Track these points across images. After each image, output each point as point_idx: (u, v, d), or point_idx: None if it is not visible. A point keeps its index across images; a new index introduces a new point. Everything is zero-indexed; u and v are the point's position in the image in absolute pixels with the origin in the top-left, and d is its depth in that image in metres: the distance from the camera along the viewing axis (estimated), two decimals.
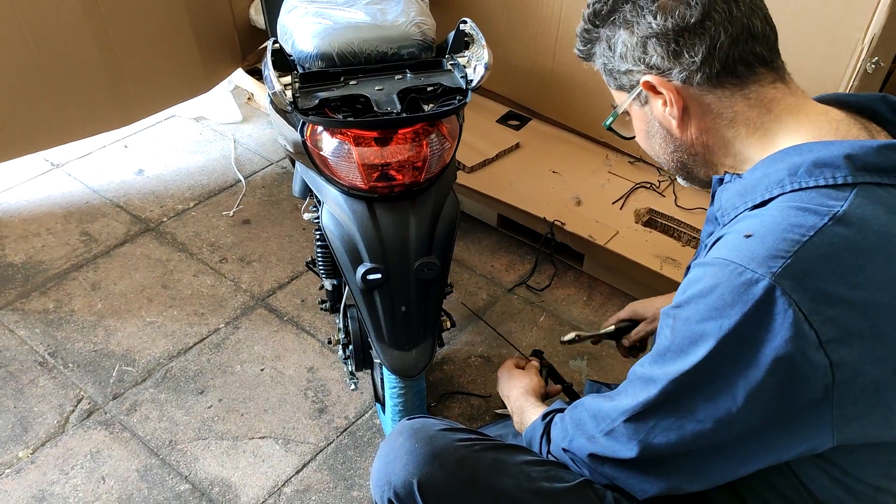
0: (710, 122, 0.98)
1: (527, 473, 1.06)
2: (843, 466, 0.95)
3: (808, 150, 0.90)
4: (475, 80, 1.39)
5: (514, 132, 2.62)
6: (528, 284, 2.28)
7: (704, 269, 0.89)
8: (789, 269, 0.82)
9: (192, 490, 1.73)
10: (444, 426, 1.12)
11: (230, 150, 2.81)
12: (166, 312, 2.16)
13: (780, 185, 0.89)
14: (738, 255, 0.86)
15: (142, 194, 2.60)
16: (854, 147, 0.88)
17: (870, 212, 0.85)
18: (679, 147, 1.03)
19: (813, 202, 0.86)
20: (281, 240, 2.42)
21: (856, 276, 0.83)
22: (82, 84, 2.27)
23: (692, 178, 1.07)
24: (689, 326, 0.88)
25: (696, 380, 0.89)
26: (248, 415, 1.89)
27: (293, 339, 2.09)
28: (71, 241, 2.40)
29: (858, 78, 1.77)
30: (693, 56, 0.93)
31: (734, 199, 0.95)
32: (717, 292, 0.85)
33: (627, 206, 2.33)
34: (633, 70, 0.99)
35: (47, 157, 2.75)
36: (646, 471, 0.98)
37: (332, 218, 1.44)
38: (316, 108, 1.34)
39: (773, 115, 0.95)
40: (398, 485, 1.05)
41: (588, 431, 1.03)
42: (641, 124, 1.06)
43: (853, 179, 0.86)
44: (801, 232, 0.84)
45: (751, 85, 0.95)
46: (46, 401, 1.91)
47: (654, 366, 0.94)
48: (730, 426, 0.89)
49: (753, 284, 0.83)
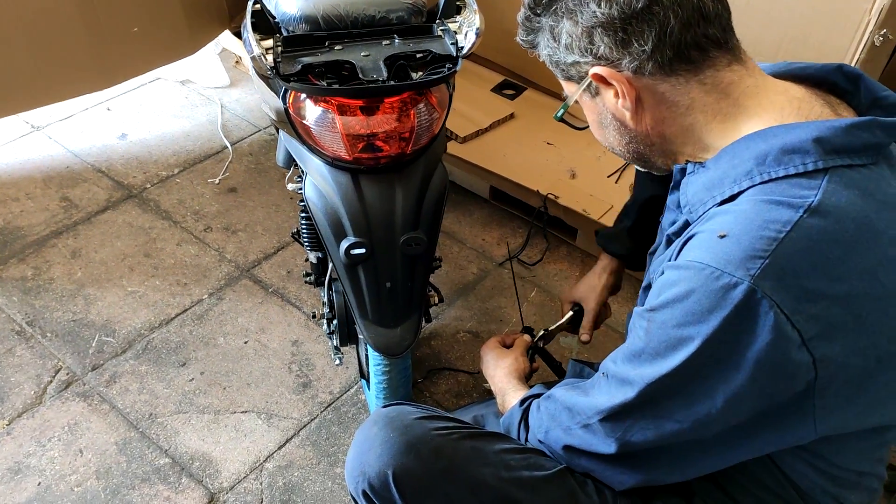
0: (665, 111, 0.93)
1: (505, 462, 1.03)
2: (825, 455, 0.94)
3: (772, 135, 0.86)
4: (466, 47, 1.32)
5: (509, 102, 2.55)
6: (520, 259, 2.23)
7: (679, 273, 0.85)
8: (768, 270, 0.79)
9: (172, 464, 1.69)
10: (421, 414, 1.08)
11: (217, 115, 2.74)
12: (148, 282, 2.11)
13: (749, 176, 0.85)
14: (714, 257, 0.82)
15: (125, 159, 2.53)
16: (821, 129, 0.84)
17: (844, 198, 0.82)
18: (634, 138, 0.98)
19: (785, 194, 0.82)
20: (267, 209, 2.36)
21: (836, 268, 0.81)
22: (62, 43, 2.19)
23: (650, 166, 1.03)
24: (665, 331, 0.85)
25: (675, 383, 0.86)
26: (231, 388, 1.85)
27: (278, 312, 2.04)
28: (50, 206, 2.33)
29: (865, 51, 1.71)
30: (643, 44, 0.88)
31: (701, 193, 0.91)
32: (694, 297, 0.82)
33: (623, 180, 2.28)
34: (581, 62, 0.93)
35: (27, 119, 2.67)
36: (623, 464, 0.97)
37: (316, 189, 1.38)
38: (298, 73, 1.28)
39: (732, 99, 0.90)
40: (373, 476, 1.02)
41: (563, 423, 1.00)
42: (594, 115, 1.01)
43: (824, 164, 0.83)
44: (777, 228, 0.80)
45: (706, 70, 0.90)
46: (23, 371, 1.87)
47: (628, 365, 0.91)
48: (709, 426, 0.87)
49: (732, 288, 0.79)
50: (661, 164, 1.01)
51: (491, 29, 1.36)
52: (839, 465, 0.95)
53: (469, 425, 1.11)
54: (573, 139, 2.42)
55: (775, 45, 1.92)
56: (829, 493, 0.98)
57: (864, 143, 0.85)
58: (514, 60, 2.60)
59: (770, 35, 1.92)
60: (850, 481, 0.98)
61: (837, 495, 0.98)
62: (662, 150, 0.97)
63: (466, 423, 1.11)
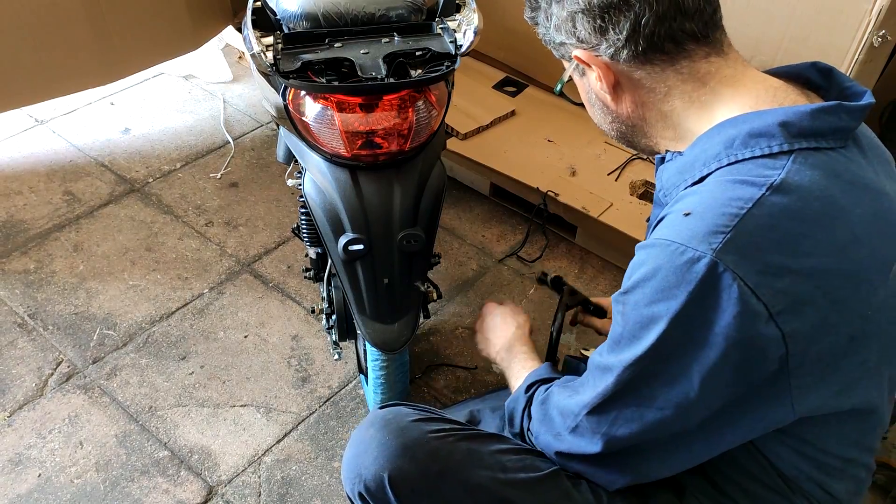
0: (643, 95, 0.96)
1: (501, 463, 1.04)
2: (809, 440, 0.95)
3: (742, 121, 0.89)
4: (465, 45, 1.33)
5: (511, 99, 2.55)
6: (520, 255, 2.24)
7: (647, 252, 0.88)
8: (730, 244, 0.81)
9: (171, 457, 1.71)
10: (417, 416, 1.08)
11: (219, 110, 2.75)
12: (149, 276, 2.12)
13: (717, 158, 0.89)
14: (679, 234, 0.84)
15: (127, 154, 2.54)
16: (788, 114, 0.87)
17: (808, 178, 0.84)
18: (616, 119, 1.02)
19: (750, 174, 0.85)
20: (268, 204, 2.37)
21: (800, 244, 0.83)
22: (66, 38, 2.20)
23: (634, 146, 1.06)
24: (637, 311, 0.87)
25: (651, 365, 0.88)
26: (230, 382, 1.87)
27: (278, 306, 2.06)
28: (54, 200, 2.35)
29: (864, 51, 1.71)
30: (618, 33, 0.91)
31: (674, 177, 0.94)
32: (660, 274, 0.84)
33: (623, 178, 2.28)
34: (567, 42, 0.98)
35: (31, 113, 2.68)
36: (612, 464, 0.98)
37: (315, 186, 1.39)
38: (298, 70, 1.29)
39: (709, 87, 0.93)
40: (368, 478, 1.03)
41: (555, 428, 1.02)
42: (583, 94, 1.06)
43: (789, 147, 0.86)
44: (739, 205, 0.83)
45: (681, 60, 0.93)
46: (25, 363, 1.88)
47: (609, 354, 0.93)
48: (690, 411, 0.88)
49: (695, 262, 0.82)
50: (643, 145, 1.04)
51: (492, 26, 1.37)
52: (824, 450, 0.96)
53: (465, 426, 1.11)
54: (574, 136, 2.43)
55: (775, 44, 1.92)
56: (814, 480, 0.98)
57: (830, 127, 0.87)
58: (515, 58, 2.60)
59: (770, 35, 1.92)
60: (835, 468, 0.98)
61: (822, 483, 0.98)
62: (644, 132, 1.01)
63: (463, 425, 1.12)
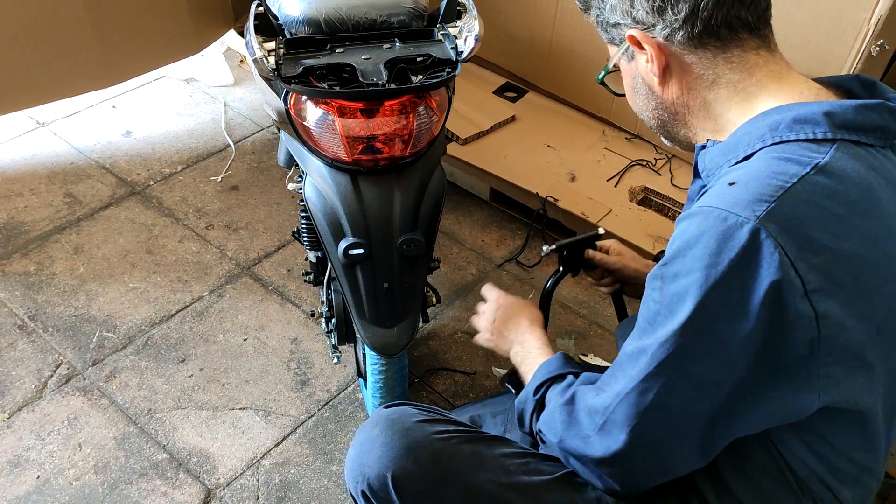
0: (691, 81, 0.97)
1: (505, 467, 1.04)
2: (826, 438, 0.94)
3: (787, 109, 0.91)
4: (466, 51, 1.34)
5: (511, 104, 2.56)
6: (519, 261, 2.25)
7: (689, 221, 0.88)
8: (773, 213, 0.82)
9: (170, 460, 1.71)
10: (422, 417, 1.08)
11: (220, 113, 2.76)
12: (149, 278, 2.13)
13: (762, 139, 0.90)
14: (722, 201, 0.85)
15: (128, 156, 2.55)
16: (833, 105, 0.89)
17: (849, 166, 0.86)
18: (660, 104, 1.02)
19: (795, 153, 0.86)
20: (269, 207, 2.38)
21: (839, 225, 0.84)
22: (69, 41, 2.21)
23: (672, 137, 1.07)
24: (677, 281, 0.86)
25: (688, 338, 0.86)
26: (229, 385, 1.87)
27: (277, 310, 2.06)
28: (55, 202, 2.35)
29: (862, 60, 1.72)
30: (676, 14, 0.92)
31: (717, 158, 0.95)
32: (702, 241, 0.84)
33: (622, 184, 2.29)
34: (621, 23, 0.98)
35: (33, 116, 2.69)
36: (638, 460, 0.94)
37: (315, 190, 1.40)
38: (300, 76, 1.29)
39: (755, 79, 0.95)
40: (372, 478, 1.03)
41: (583, 431, 0.97)
42: (628, 80, 1.05)
43: (832, 135, 0.87)
44: (785, 179, 0.84)
45: (733, 49, 0.94)
46: (24, 365, 1.88)
47: (643, 337, 0.91)
48: (720, 387, 0.87)
49: (738, 228, 0.82)
50: (682, 135, 1.04)
51: (494, 32, 1.38)
52: (839, 452, 0.95)
53: (470, 428, 1.11)
54: (573, 142, 2.44)
55: None
56: (825, 484, 0.97)
57: (872, 124, 0.89)
58: (516, 63, 2.61)
59: None
60: (847, 473, 0.97)
61: (833, 487, 0.98)
62: (685, 120, 1.01)
63: (468, 426, 1.12)
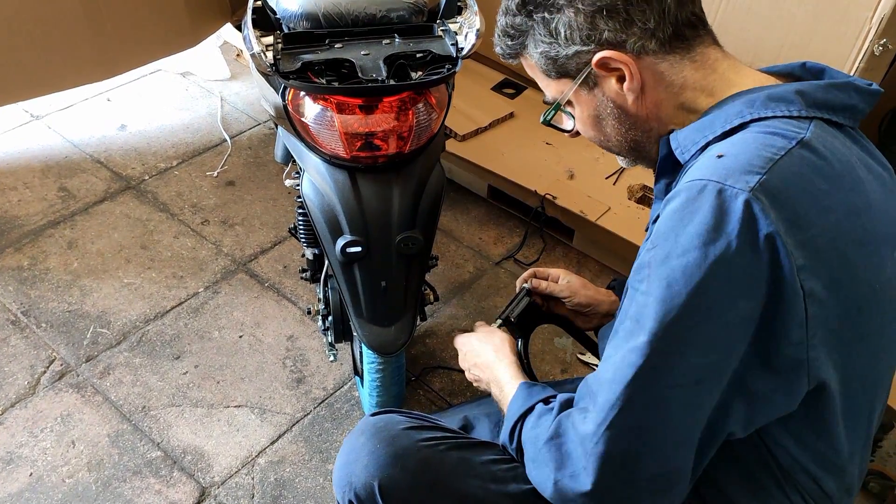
0: (662, 91, 0.95)
1: (493, 473, 1.02)
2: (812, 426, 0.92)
3: (757, 90, 0.91)
4: (466, 48, 1.32)
5: (509, 101, 2.55)
6: (517, 258, 2.24)
7: (679, 197, 0.84)
8: (765, 186, 0.81)
9: (164, 457, 1.69)
10: (409, 424, 1.07)
11: (217, 108, 2.74)
12: (144, 274, 2.11)
13: (740, 115, 0.89)
14: (713, 173, 0.84)
15: (123, 150, 2.53)
16: (803, 85, 0.90)
17: (829, 142, 0.87)
18: (634, 124, 0.98)
19: (778, 128, 0.86)
20: (265, 203, 2.36)
21: (823, 199, 0.84)
22: (63, 34, 2.19)
23: (643, 156, 1.04)
24: (668, 265, 0.82)
25: (685, 324, 0.81)
26: (225, 382, 1.86)
27: (274, 306, 2.05)
28: (48, 196, 2.33)
29: (865, 60, 1.71)
30: (645, 22, 0.91)
31: (692, 134, 0.93)
32: (698, 217, 0.81)
33: (621, 182, 2.28)
34: (583, 50, 0.94)
35: (27, 109, 2.67)
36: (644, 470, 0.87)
37: (313, 187, 1.38)
38: (298, 71, 1.28)
39: (718, 74, 0.95)
40: (359, 486, 1.02)
41: (574, 465, 0.88)
42: (589, 110, 1.00)
43: (807, 113, 0.88)
44: (773, 151, 0.84)
45: (697, 47, 0.94)
46: (17, 361, 1.87)
47: (632, 337, 0.84)
48: (720, 374, 0.83)
49: (734, 199, 0.80)
50: (654, 152, 1.01)
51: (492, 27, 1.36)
52: (823, 440, 0.93)
53: (458, 434, 1.10)
54: (572, 140, 2.42)
55: (775, 51, 1.92)
56: (810, 474, 0.95)
57: (842, 103, 0.90)
58: None
59: (769, 41, 1.92)
60: (832, 463, 0.95)
61: (818, 477, 0.96)
62: (658, 133, 0.99)
63: (455, 432, 1.10)
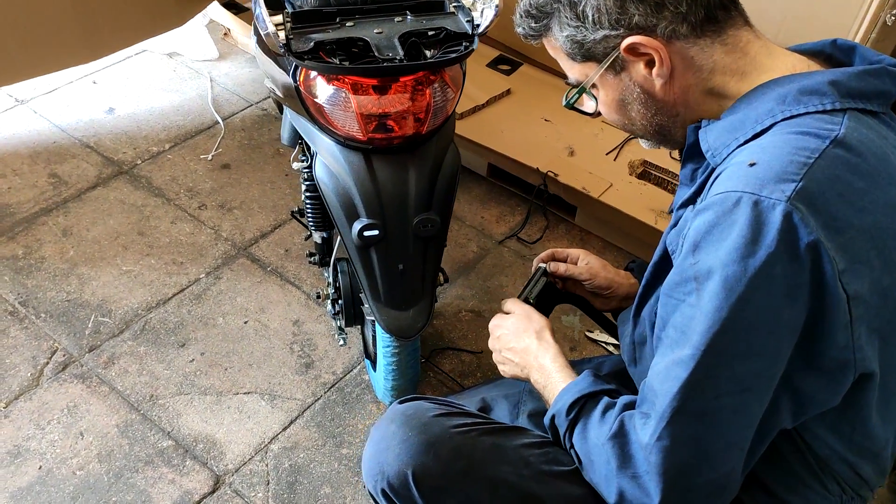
0: (691, 77, 0.93)
1: (525, 458, 1.02)
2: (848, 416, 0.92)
3: (788, 81, 0.88)
4: (483, 24, 1.30)
5: (505, 77, 2.52)
6: (520, 237, 2.22)
7: (713, 210, 0.83)
8: (802, 193, 0.80)
9: (176, 446, 1.67)
10: (439, 411, 1.06)
11: (206, 89, 2.68)
12: (143, 261, 2.07)
13: (771, 114, 0.88)
14: (747, 183, 0.82)
15: (113, 134, 2.47)
16: (836, 74, 0.88)
17: (864, 136, 0.85)
18: (661, 109, 0.97)
19: (811, 126, 0.84)
20: (263, 186, 2.32)
21: (860, 198, 0.82)
22: (46, 15, 2.12)
23: (668, 140, 1.03)
24: (712, 280, 0.82)
25: (732, 337, 0.82)
26: (232, 369, 1.83)
27: (277, 291, 2.02)
28: (39, 183, 2.27)
29: (876, 31, 1.70)
30: (677, 6, 0.89)
31: (723, 136, 0.91)
32: (735, 230, 0.80)
33: (621, 158, 2.27)
34: (611, 34, 0.92)
35: (10, 93, 2.59)
36: (698, 474, 0.87)
37: (326, 169, 1.35)
38: (311, 51, 1.24)
39: (750, 57, 0.93)
40: (392, 475, 1.01)
41: (637, 468, 0.89)
42: (614, 94, 0.99)
43: (841, 105, 0.86)
44: (807, 154, 0.82)
45: (728, 30, 0.92)
46: (19, 352, 1.83)
47: (677, 348, 0.85)
48: (768, 382, 0.84)
49: (771, 210, 0.79)
50: (679, 136, 1.00)
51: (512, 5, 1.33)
52: (859, 429, 0.93)
53: (488, 420, 1.09)
54: (570, 116, 2.39)
55: (777, 22, 1.90)
56: (847, 462, 0.96)
57: (875, 90, 0.88)
58: (509, 35, 2.54)
59: (771, 12, 1.90)
60: (868, 451, 0.96)
61: (854, 464, 0.96)
62: (685, 119, 0.97)
63: (485, 418, 1.10)
